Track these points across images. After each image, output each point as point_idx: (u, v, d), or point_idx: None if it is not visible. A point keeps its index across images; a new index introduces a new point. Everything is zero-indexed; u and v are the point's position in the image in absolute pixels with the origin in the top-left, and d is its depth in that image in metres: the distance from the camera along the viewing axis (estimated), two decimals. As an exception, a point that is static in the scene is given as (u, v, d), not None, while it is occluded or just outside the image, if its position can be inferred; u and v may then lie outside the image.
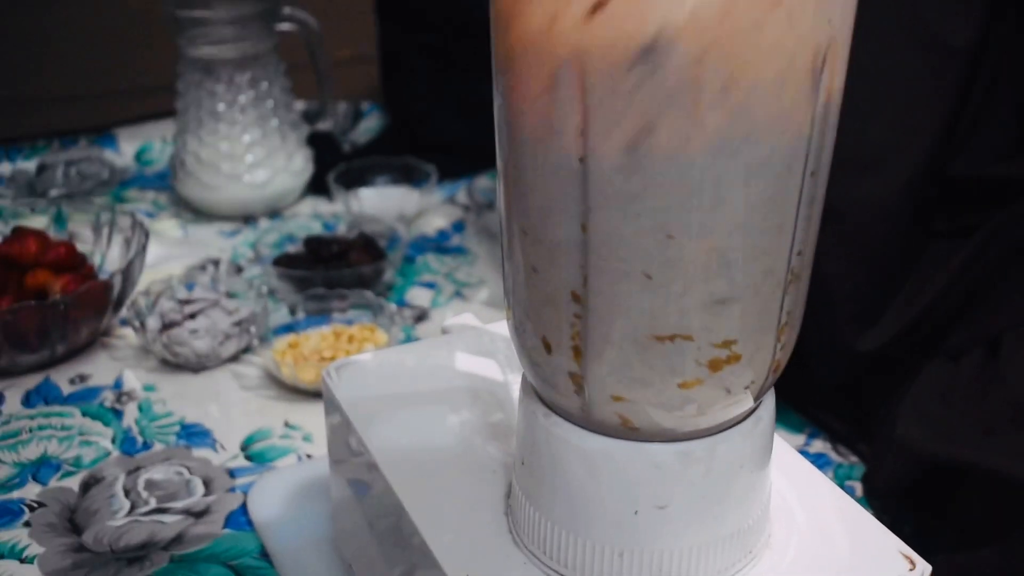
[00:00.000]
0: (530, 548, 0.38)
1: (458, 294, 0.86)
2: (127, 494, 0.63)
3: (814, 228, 0.33)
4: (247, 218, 0.97)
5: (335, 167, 0.98)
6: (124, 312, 0.78)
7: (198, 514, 0.61)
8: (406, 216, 0.96)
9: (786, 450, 0.45)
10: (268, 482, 0.63)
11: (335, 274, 0.81)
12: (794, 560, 0.39)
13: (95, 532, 0.60)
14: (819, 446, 0.68)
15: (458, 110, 1.05)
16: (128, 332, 0.79)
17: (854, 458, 0.66)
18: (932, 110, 0.61)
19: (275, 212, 0.98)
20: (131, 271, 0.76)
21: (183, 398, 0.72)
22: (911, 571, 0.38)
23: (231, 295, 0.79)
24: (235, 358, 0.76)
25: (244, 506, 0.62)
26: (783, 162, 0.30)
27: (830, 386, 0.67)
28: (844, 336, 0.63)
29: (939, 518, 0.58)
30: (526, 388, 0.38)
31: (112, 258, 0.83)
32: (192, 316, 0.75)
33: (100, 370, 0.75)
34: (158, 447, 0.67)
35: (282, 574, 0.56)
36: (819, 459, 0.66)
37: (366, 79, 1.18)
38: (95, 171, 1.05)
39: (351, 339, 0.75)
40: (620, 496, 0.35)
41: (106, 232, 0.83)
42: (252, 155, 0.95)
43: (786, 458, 0.44)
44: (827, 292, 0.62)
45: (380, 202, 0.97)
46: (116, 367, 0.75)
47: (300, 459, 0.66)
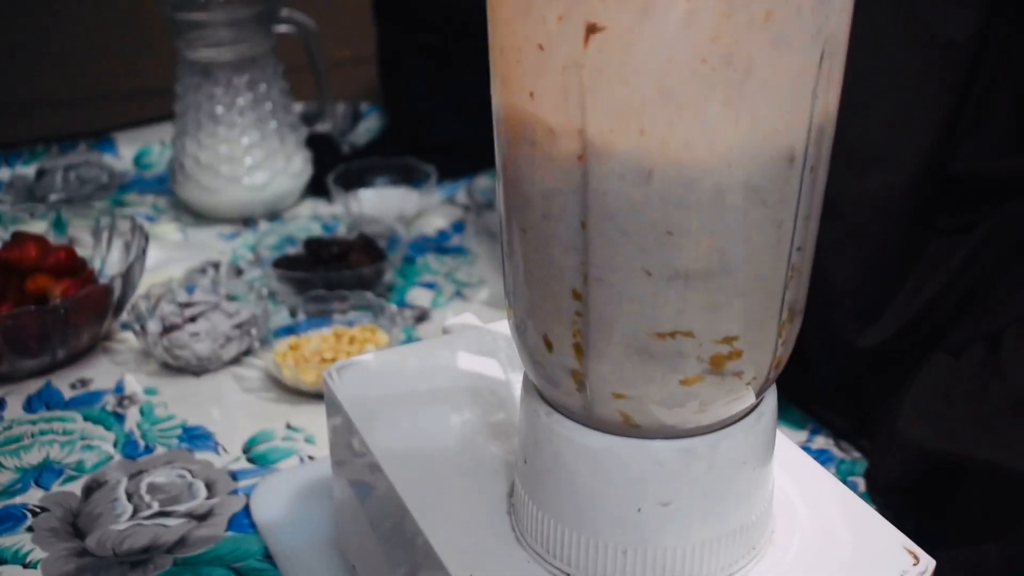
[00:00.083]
0: (533, 547, 0.38)
1: (458, 294, 0.86)
2: (130, 498, 0.63)
3: (814, 224, 0.33)
4: (247, 220, 0.97)
5: (334, 168, 0.98)
6: (125, 316, 0.78)
7: (201, 517, 0.61)
8: (406, 217, 0.96)
9: (788, 446, 0.45)
10: (271, 484, 0.63)
11: (335, 275, 0.81)
12: (797, 556, 0.39)
13: (98, 536, 0.60)
14: (821, 442, 0.68)
15: (457, 110, 1.05)
16: (129, 336, 0.79)
17: (856, 454, 0.66)
18: (932, 107, 0.61)
19: (275, 214, 0.98)
20: (131, 275, 0.76)
21: (185, 401, 0.72)
22: (915, 566, 0.38)
23: (231, 298, 0.79)
24: (236, 361, 0.76)
25: (247, 508, 0.62)
26: (783, 158, 0.30)
27: (832, 383, 0.67)
28: (845, 333, 0.63)
29: (942, 514, 0.58)
30: (528, 387, 0.38)
31: (112, 262, 0.83)
32: (193, 319, 0.75)
33: (101, 374, 0.75)
34: (160, 450, 0.67)
35: (285, 576, 0.56)
36: (821, 455, 0.66)
37: (365, 80, 1.18)
38: (94, 175, 1.05)
39: (352, 340, 0.75)
40: (623, 493, 0.35)
41: (106, 236, 0.83)
42: (251, 157, 0.95)
43: (788, 454, 0.44)
44: (828, 289, 0.62)
45: (380, 203, 0.97)
46: (117, 371, 0.75)
47: (302, 461, 0.66)
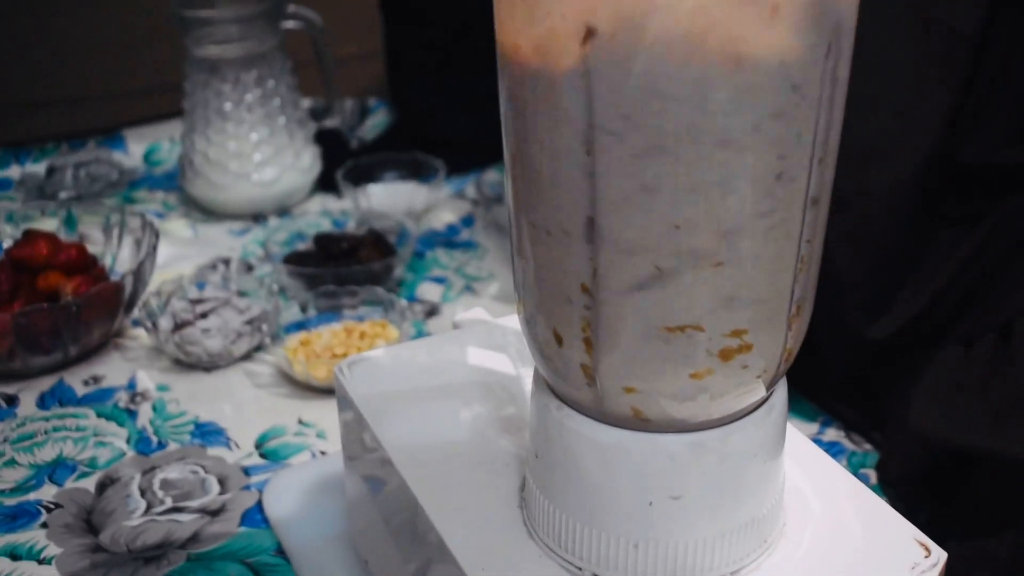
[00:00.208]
0: (545, 541, 0.39)
1: (468, 288, 0.86)
2: (143, 494, 0.63)
3: (822, 217, 0.33)
4: (256, 216, 0.98)
5: (343, 164, 0.98)
6: (136, 313, 0.78)
7: (214, 512, 0.61)
8: (415, 211, 0.96)
9: (799, 439, 0.45)
10: (283, 479, 0.63)
11: (345, 271, 0.81)
12: (809, 549, 0.39)
13: (112, 532, 0.60)
14: (832, 434, 0.68)
15: (465, 105, 1.05)
16: (140, 333, 0.79)
17: (868, 446, 0.66)
18: (939, 98, 0.60)
19: (284, 210, 0.99)
20: (142, 272, 0.77)
21: (196, 397, 0.72)
22: (926, 558, 0.38)
23: (242, 294, 0.80)
24: (247, 356, 0.77)
25: (259, 504, 0.62)
26: (790, 150, 0.30)
27: (842, 375, 0.67)
28: (855, 325, 0.63)
29: (954, 505, 0.58)
30: (538, 381, 0.38)
31: (123, 259, 0.83)
32: (204, 315, 0.76)
33: (113, 371, 0.75)
34: (173, 446, 0.67)
35: (298, 571, 0.56)
36: (832, 447, 0.66)
37: (372, 75, 1.18)
38: (104, 173, 1.05)
39: (362, 335, 0.75)
40: (634, 487, 0.35)
41: (116, 233, 0.83)
42: (260, 153, 0.95)
43: (799, 447, 0.44)
44: (837, 281, 0.62)
45: (389, 198, 0.97)
46: (129, 368, 0.76)
47: (314, 456, 0.66)
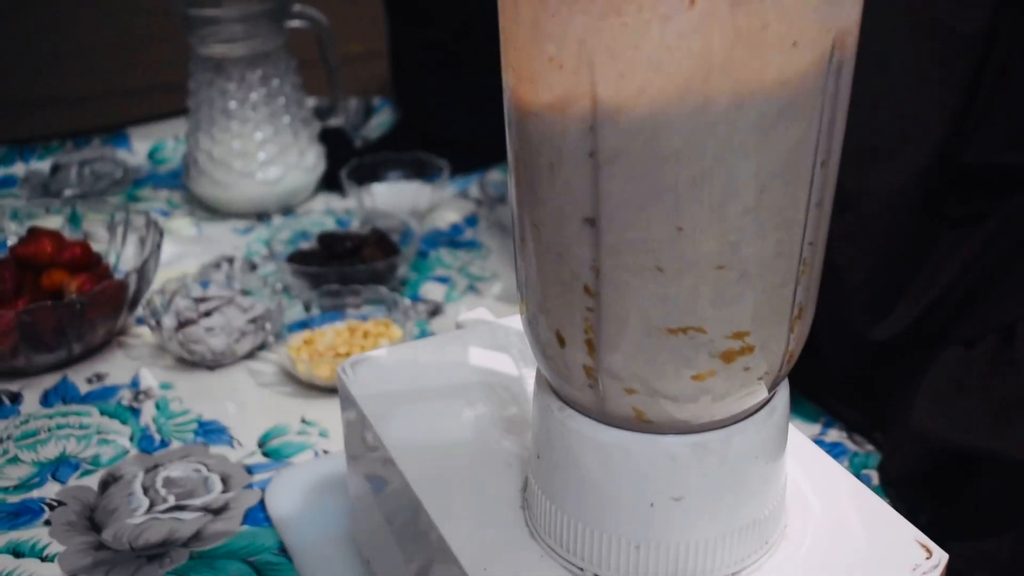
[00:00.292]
0: (547, 541, 0.39)
1: (472, 288, 0.86)
2: (146, 492, 0.63)
3: (825, 218, 0.33)
4: (260, 215, 0.98)
5: (347, 163, 0.98)
6: (140, 311, 0.78)
7: (216, 511, 0.62)
8: (419, 211, 0.96)
9: (801, 440, 0.45)
10: (285, 478, 0.63)
11: (349, 270, 0.81)
12: (810, 550, 0.39)
13: (115, 530, 0.60)
14: (834, 435, 0.68)
15: (469, 104, 1.05)
16: (144, 331, 0.79)
17: (870, 447, 0.66)
18: (942, 98, 0.60)
19: (288, 209, 0.99)
20: (146, 270, 0.77)
21: (200, 396, 0.72)
22: (928, 559, 0.38)
23: (246, 292, 0.80)
24: (251, 355, 0.77)
25: (262, 502, 0.62)
26: (793, 152, 0.30)
27: (844, 376, 0.67)
28: (858, 326, 0.63)
29: (954, 506, 0.58)
30: (540, 382, 0.38)
31: (127, 257, 0.83)
32: (207, 314, 0.76)
33: (117, 369, 0.75)
34: (176, 445, 0.68)
35: (300, 570, 0.56)
36: (834, 448, 0.66)
37: (377, 75, 1.18)
38: (108, 171, 1.06)
39: (366, 335, 0.75)
40: (636, 488, 0.35)
41: (120, 231, 0.84)
42: (264, 152, 0.95)
43: (801, 448, 0.44)
44: (840, 282, 0.62)
45: (393, 197, 0.97)
46: (133, 366, 0.76)
47: (317, 455, 0.67)
